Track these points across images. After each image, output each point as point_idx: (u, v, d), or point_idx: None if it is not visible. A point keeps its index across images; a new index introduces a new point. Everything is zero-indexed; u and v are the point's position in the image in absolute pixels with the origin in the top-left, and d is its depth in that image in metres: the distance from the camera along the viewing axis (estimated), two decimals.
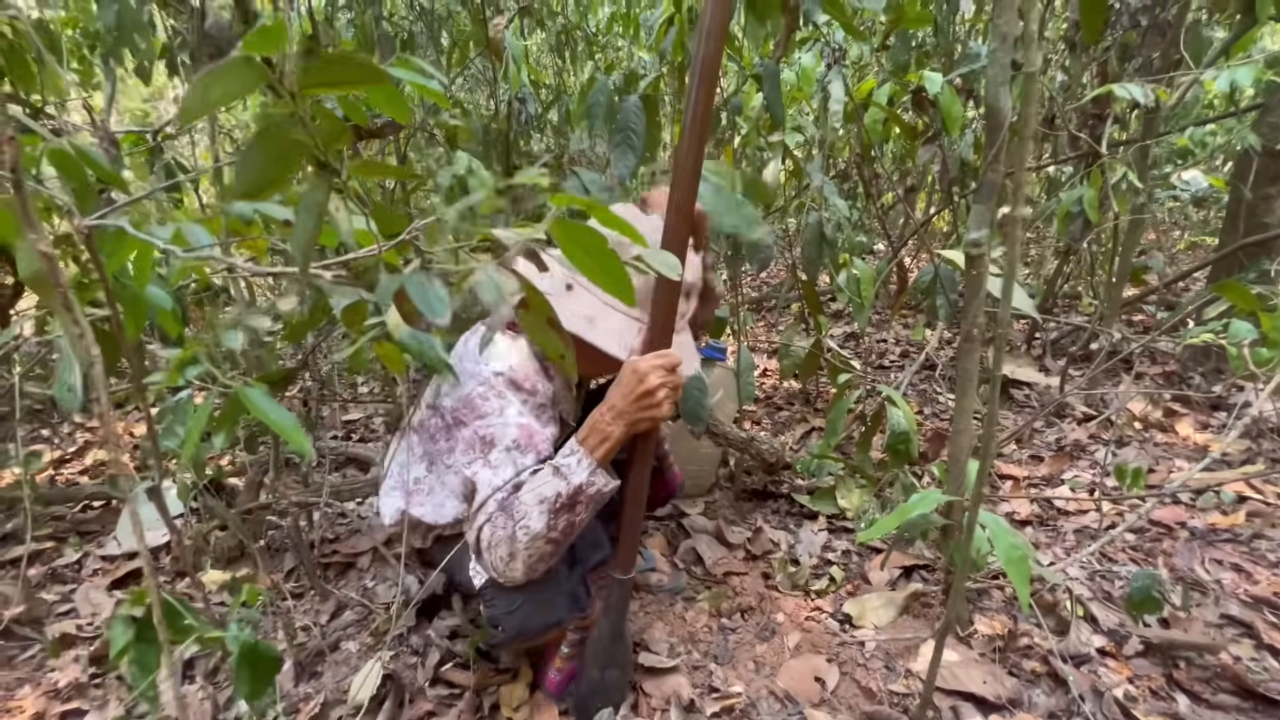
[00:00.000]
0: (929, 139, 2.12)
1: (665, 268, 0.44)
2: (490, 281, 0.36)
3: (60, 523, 1.69)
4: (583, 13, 3.26)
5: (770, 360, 2.68)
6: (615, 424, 0.84)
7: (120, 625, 0.51)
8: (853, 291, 1.77)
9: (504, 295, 0.36)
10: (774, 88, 1.33)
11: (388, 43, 2.55)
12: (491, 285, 0.36)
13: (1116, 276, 1.86)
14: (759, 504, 1.61)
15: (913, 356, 2.59)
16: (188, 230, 0.42)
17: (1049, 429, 1.84)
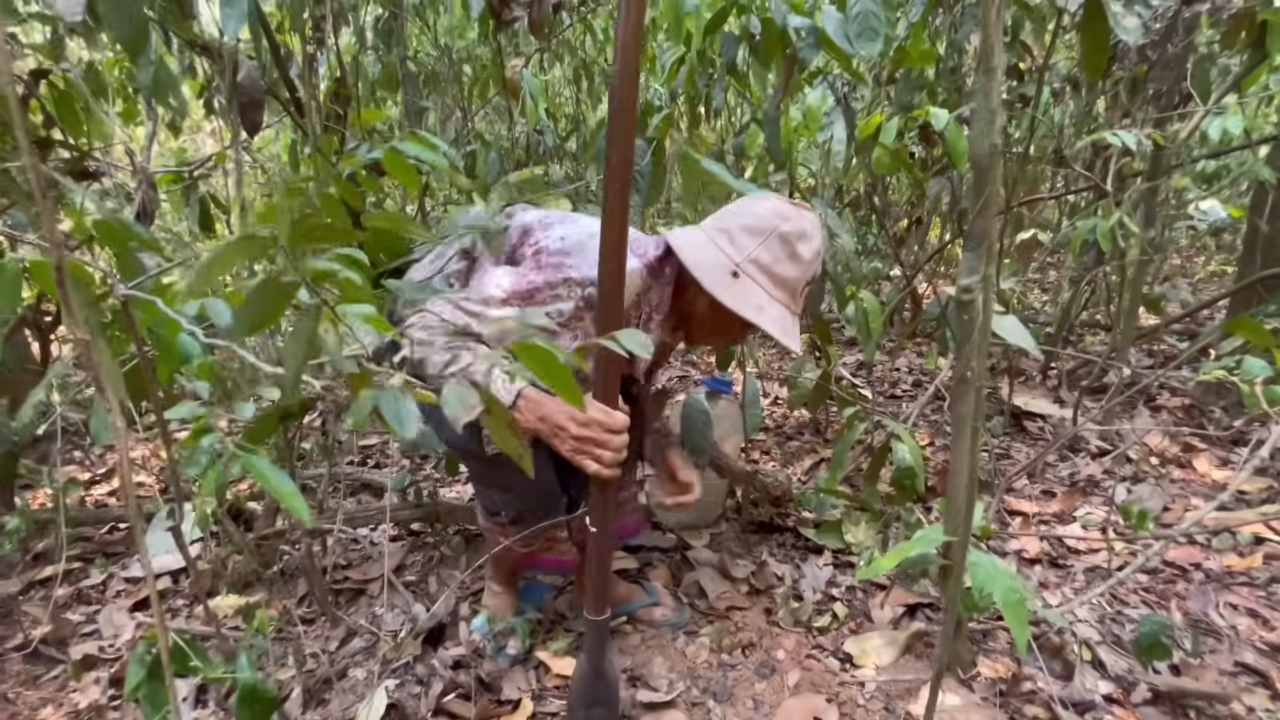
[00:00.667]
0: (938, 171, 2.14)
1: (636, 346, 0.47)
2: (456, 397, 0.40)
3: (87, 543, 1.76)
4: (600, 48, 3.36)
5: (782, 388, 2.68)
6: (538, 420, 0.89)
7: (136, 663, 0.55)
8: (860, 324, 1.78)
9: (468, 409, 0.40)
10: (774, 133, 1.36)
11: (411, 81, 2.65)
12: (456, 401, 0.40)
13: (1127, 311, 1.84)
14: (765, 536, 1.61)
15: (925, 386, 2.57)
16: (212, 308, 0.46)
17: (1062, 463, 1.82)
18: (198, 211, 2.29)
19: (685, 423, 1.44)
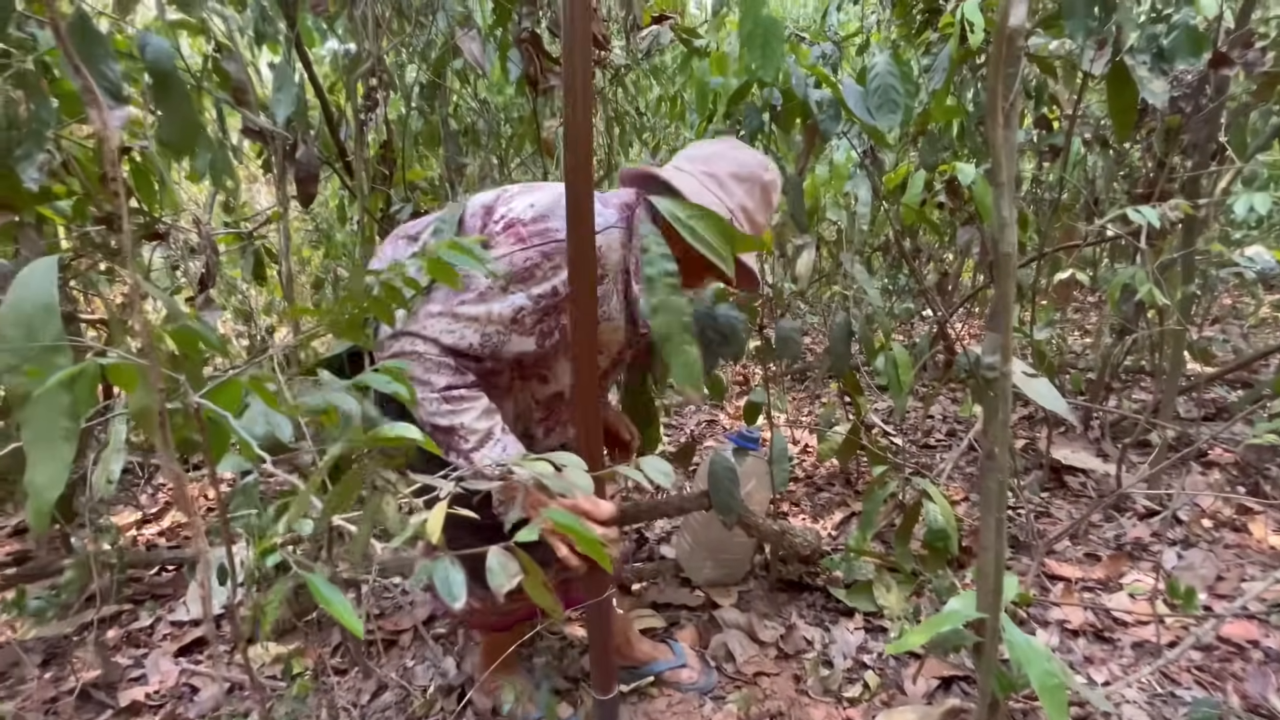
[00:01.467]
0: (967, 220, 2.14)
1: (658, 475, 0.49)
2: (499, 566, 0.43)
3: (138, 584, 1.84)
4: (632, 100, 3.49)
5: (811, 436, 2.66)
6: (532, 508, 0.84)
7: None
8: (891, 376, 1.78)
9: (509, 577, 0.43)
10: (797, 199, 1.40)
11: (452, 138, 2.79)
12: (500, 570, 0.43)
13: (1171, 364, 1.79)
14: (794, 596, 1.59)
15: (960, 435, 2.52)
16: (276, 423, 0.51)
17: (1107, 523, 1.75)
18: (252, 263, 2.43)
19: (712, 480, 1.44)
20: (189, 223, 2.35)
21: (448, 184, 2.70)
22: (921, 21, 2.02)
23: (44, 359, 0.54)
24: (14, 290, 0.58)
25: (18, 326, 0.55)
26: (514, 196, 0.96)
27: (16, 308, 0.56)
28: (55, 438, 0.55)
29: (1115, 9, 1.25)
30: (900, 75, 1.32)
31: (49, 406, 0.55)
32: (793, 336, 1.54)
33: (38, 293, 0.56)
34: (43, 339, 0.56)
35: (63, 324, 0.57)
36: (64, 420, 0.56)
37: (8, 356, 0.54)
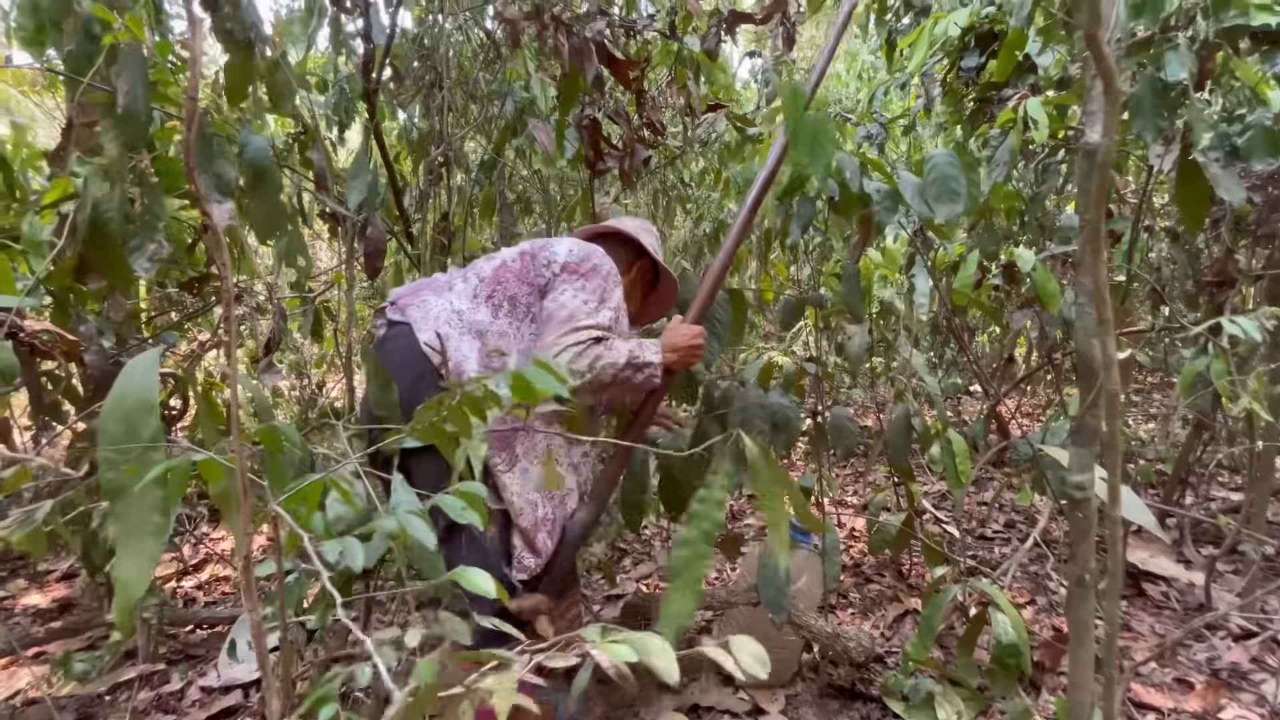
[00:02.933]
0: (1024, 304, 2.09)
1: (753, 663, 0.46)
2: None
3: (172, 641, 1.83)
4: (679, 174, 3.60)
5: (858, 518, 2.54)
6: (671, 354, 1.20)
7: None
8: (948, 466, 1.70)
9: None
10: (853, 288, 1.38)
11: (508, 209, 2.91)
12: None
13: (1260, 475, 1.66)
14: (846, 704, 1.47)
15: (1019, 527, 2.37)
16: (350, 550, 0.50)
17: (1197, 643, 1.59)
18: (311, 321, 2.52)
19: (761, 575, 1.37)
20: (259, 285, 2.48)
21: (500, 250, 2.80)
22: (973, 109, 2.05)
23: (142, 456, 0.56)
24: (118, 385, 0.60)
25: (119, 422, 0.57)
26: (546, 245, 1.22)
27: (119, 403, 0.58)
28: (146, 533, 0.56)
29: (1184, 108, 1.23)
30: (962, 166, 1.31)
31: (143, 502, 0.56)
32: (847, 426, 1.49)
33: (139, 389, 0.58)
34: (142, 435, 0.57)
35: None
36: (155, 515, 0.56)
37: (109, 451, 0.55)
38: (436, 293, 1.18)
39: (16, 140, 1.79)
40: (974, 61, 1.86)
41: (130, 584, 0.50)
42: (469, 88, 2.18)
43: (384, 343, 1.15)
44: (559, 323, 1.12)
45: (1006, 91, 1.89)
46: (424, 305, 1.16)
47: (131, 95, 0.88)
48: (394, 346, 1.12)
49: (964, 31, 1.85)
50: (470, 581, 0.47)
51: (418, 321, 1.13)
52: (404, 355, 1.10)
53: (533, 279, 1.18)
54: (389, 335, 1.15)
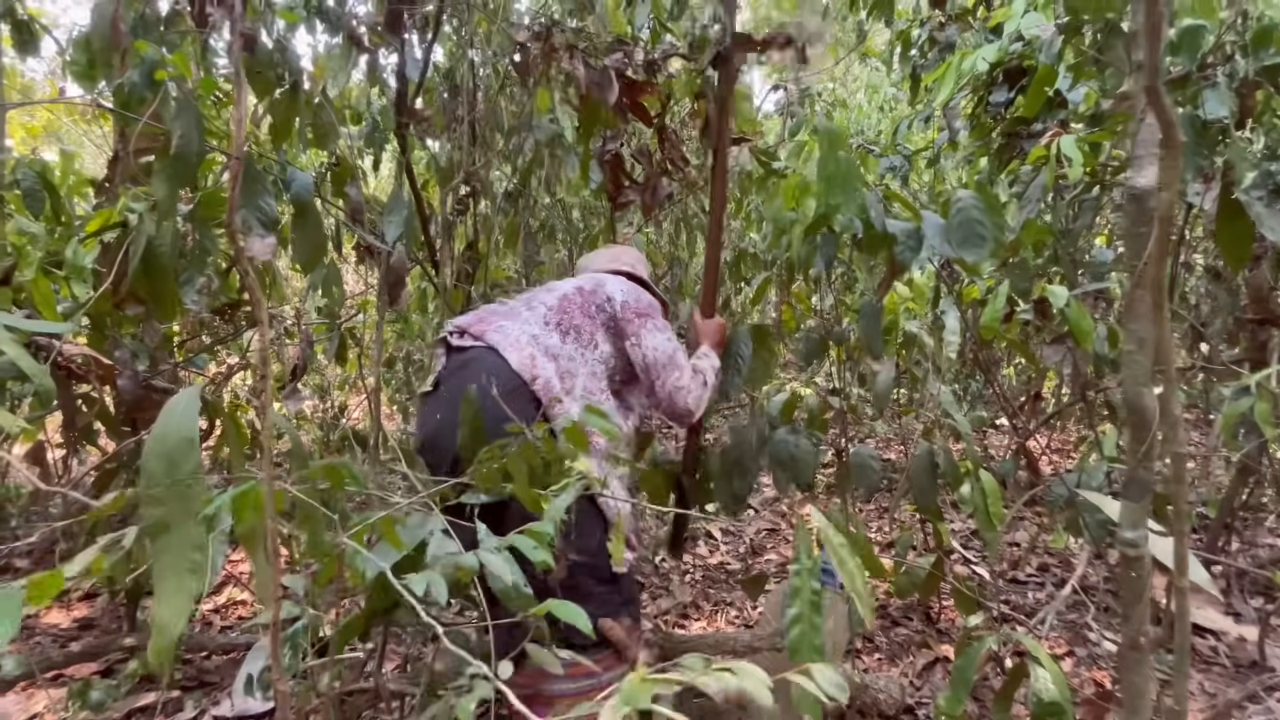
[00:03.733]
0: (1055, 339, 2.04)
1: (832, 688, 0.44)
2: None
3: (187, 666, 1.82)
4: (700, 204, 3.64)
5: (882, 555, 2.47)
6: (718, 349, 1.41)
7: None
8: (979, 508, 1.64)
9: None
10: (873, 326, 1.36)
11: (531, 238, 2.95)
12: None
13: None
14: None
15: (1053, 571, 2.28)
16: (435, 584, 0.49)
17: (1251, 703, 1.49)
18: (336, 345, 2.56)
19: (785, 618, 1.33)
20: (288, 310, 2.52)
21: (523, 278, 2.82)
22: (1001, 144, 2.04)
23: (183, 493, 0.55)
24: (160, 423, 0.60)
25: (160, 459, 0.57)
26: (599, 284, 1.34)
27: (161, 441, 0.58)
28: (184, 571, 0.55)
29: (1225, 146, 1.21)
30: (987, 208, 1.29)
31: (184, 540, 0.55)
32: (870, 464, 1.45)
33: (181, 426, 0.58)
34: (184, 469, 0.57)
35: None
36: (195, 554, 0.56)
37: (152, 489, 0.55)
38: (509, 319, 1.25)
39: (64, 168, 1.86)
40: (1002, 96, 1.86)
41: (169, 625, 0.49)
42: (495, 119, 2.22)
43: (464, 366, 1.19)
44: (666, 365, 1.29)
45: (1035, 127, 1.87)
46: (502, 330, 1.21)
47: (186, 139, 0.91)
48: (479, 367, 1.16)
49: (992, 66, 1.85)
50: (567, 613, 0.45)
51: (501, 344, 1.18)
52: (493, 373, 1.14)
53: (594, 314, 1.30)
54: (470, 357, 1.19)
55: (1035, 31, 1.69)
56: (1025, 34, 1.79)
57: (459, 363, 1.20)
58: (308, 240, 1.10)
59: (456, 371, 1.19)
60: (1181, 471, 0.54)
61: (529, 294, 1.36)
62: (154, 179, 0.94)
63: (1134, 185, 0.76)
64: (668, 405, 1.30)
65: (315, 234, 1.10)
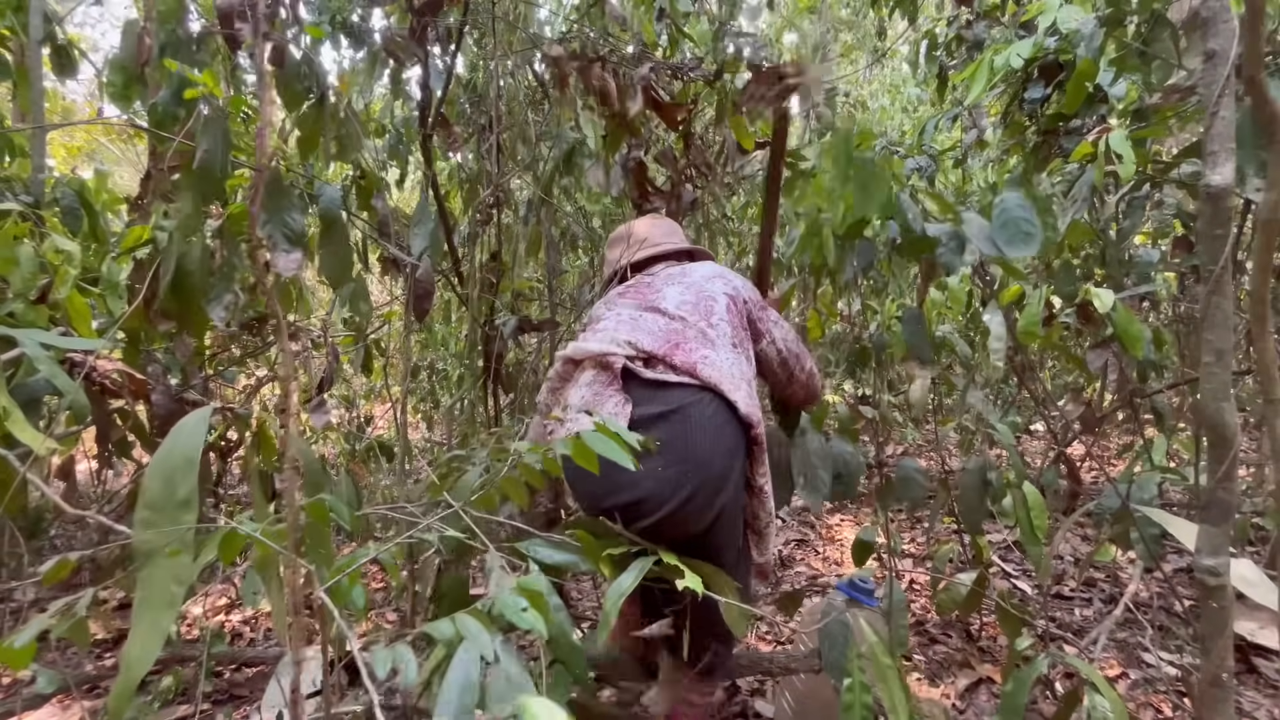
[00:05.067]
0: (1099, 344, 1.96)
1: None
2: None
3: (219, 679, 1.82)
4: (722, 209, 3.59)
5: (919, 569, 2.39)
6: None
7: None
8: (1022, 521, 1.57)
9: None
10: (916, 331, 1.31)
11: (553, 245, 2.94)
12: None
13: None
14: None
15: (1100, 586, 2.18)
16: (404, 660, 0.46)
17: None
18: (362, 356, 2.57)
19: (824, 638, 1.27)
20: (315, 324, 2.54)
21: (546, 287, 2.81)
22: (1038, 142, 1.96)
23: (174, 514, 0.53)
24: (167, 441, 0.58)
25: (160, 479, 0.55)
26: (732, 283, 1.25)
27: (165, 460, 0.56)
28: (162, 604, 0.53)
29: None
30: (1034, 206, 1.24)
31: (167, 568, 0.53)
32: (915, 478, 1.40)
33: (186, 446, 0.56)
34: (178, 495, 0.55)
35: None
36: (174, 585, 0.53)
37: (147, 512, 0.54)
38: (708, 347, 1.07)
39: (98, 186, 1.90)
40: (1039, 93, 1.79)
41: (137, 662, 0.47)
42: (519, 129, 2.22)
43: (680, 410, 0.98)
44: (799, 353, 1.27)
45: (1074, 123, 1.80)
46: (712, 364, 1.03)
47: (211, 153, 0.91)
48: (700, 416, 0.97)
49: (1027, 62, 1.79)
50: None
51: (721, 383, 1.01)
52: (721, 429, 0.98)
53: (743, 323, 1.19)
54: (689, 401, 0.99)
55: (1074, 25, 1.63)
56: (1062, 28, 1.73)
57: (668, 404, 0.99)
58: (335, 255, 1.09)
59: (668, 416, 0.98)
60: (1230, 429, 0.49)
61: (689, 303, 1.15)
62: (179, 194, 0.93)
63: (1209, 184, 0.71)
64: (806, 392, 1.27)
65: (342, 248, 1.09)
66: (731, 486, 1.00)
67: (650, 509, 0.94)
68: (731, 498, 1.00)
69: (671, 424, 0.96)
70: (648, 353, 1.04)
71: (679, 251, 1.39)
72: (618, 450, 0.53)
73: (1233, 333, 0.70)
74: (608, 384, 1.03)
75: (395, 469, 1.97)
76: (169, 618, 0.48)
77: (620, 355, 1.04)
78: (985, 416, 1.47)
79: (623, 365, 1.03)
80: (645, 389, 1.01)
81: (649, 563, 0.82)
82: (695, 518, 0.95)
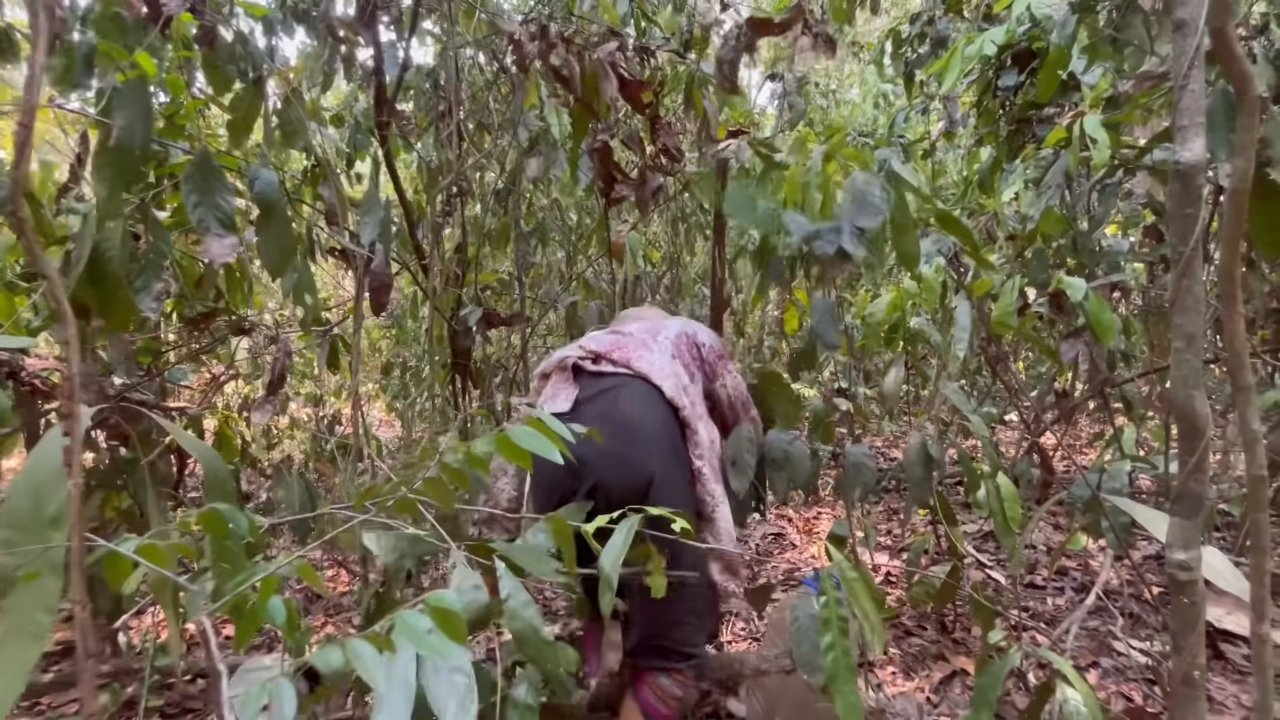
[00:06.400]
0: (1071, 333, 1.95)
1: None
2: None
3: (170, 691, 1.74)
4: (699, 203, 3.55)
5: (894, 561, 2.38)
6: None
7: None
8: (996, 513, 1.56)
9: None
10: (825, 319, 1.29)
11: (524, 239, 2.86)
12: None
13: None
14: None
15: (1072, 574, 2.19)
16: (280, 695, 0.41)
17: None
18: (327, 351, 2.48)
19: (795, 635, 1.24)
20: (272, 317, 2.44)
21: (517, 280, 2.74)
22: (1011, 130, 1.95)
23: (42, 533, 0.47)
24: (35, 452, 0.52)
25: (25, 494, 0.49)
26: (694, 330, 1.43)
27: (32, 472, 0.50)
28: (27, 635, 0.47)
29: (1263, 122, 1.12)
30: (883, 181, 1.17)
31: (31, 595, 0.47)
32: (864, 464, 1.37)
33: (51, 459, 0.50)
34: (48, 509, 0.49)
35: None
36: (41, 614, 0.48)
37: (9, 531, 0.47)
38: (644, 350, 1.30)
39: (43, 177, 1.80)
40: (1012, 80, 1.77)
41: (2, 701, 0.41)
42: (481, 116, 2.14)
43: (612, 390, 1.21)
44: (746, 401, 1.44)
45: (1047, 111, 1.79)
46: (645, 360, 1.26)
47: (128, 130, 0.83)
48: (631, 393, 1.21)
49: (1000, 50, 1.76)
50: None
51: (651, 373, 1.24)
52: (646, 402, 1.20)
53: (695, 355, 1.39)
54: (618, 383, 1.22)
55: (1046, 10, 1.61)
56: (1035, 14, 1.71)
57: (603, 386, 1.22)
58: (275, 243, 1.02)
59: (603, 394, 1.20)
60: (1263, 496, 0.46)
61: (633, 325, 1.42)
62: (93, 176, 0.86)
63: (1179, 160, 0.68)
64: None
65: (283, 236, 1.02)
66: (666, 450, 1.17)
67: (583, 464, 1.10)
68: (667, 461, 1.17)
69: (605, 398, 1.19)
70: (594, 353, 1.28)
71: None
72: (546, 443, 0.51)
73: (1203, 318, 0.67)
74: (564, 380, 1.26)
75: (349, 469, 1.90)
76: (35, 651, 0.42)
77: (573, 356, 1.28)
78: (960, 408, 1.45)
79: (573, 363, 1.27)
80: (590, 379, 1.25)
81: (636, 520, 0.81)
82: (634, 470, 1.12)
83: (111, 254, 0.89)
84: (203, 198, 0.91)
